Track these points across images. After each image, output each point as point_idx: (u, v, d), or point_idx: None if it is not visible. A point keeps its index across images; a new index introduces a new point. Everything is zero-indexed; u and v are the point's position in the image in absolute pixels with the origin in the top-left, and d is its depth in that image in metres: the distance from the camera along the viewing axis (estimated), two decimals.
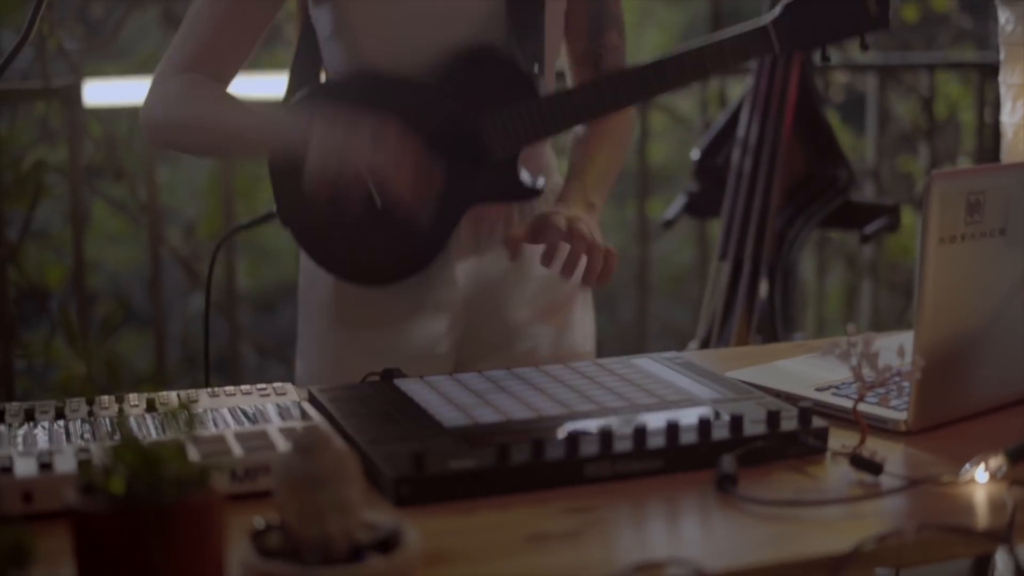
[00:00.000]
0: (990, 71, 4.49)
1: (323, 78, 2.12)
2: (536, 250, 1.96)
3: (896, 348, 1.54)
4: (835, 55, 4.77)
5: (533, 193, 2.06)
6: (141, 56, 4.46)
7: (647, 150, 4.29)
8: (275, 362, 4.66)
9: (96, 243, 4.63)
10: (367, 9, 1.99)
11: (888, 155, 4.95)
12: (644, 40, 10.64)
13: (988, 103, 4.58)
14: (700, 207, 3.14)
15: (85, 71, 3.62)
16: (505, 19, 2.00)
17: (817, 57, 2.00)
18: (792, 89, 2.98)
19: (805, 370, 1.90)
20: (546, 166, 2.17)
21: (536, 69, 2.00)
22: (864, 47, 1.97)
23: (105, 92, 3.59)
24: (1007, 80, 2.21)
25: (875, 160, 4.78)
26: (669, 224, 3.17)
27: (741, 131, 3.01)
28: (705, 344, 2.85)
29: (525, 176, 2.05)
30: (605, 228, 2.06)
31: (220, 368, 3.98)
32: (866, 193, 4.69)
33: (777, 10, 1.95)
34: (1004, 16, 2.18)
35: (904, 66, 4.82)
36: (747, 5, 6.52)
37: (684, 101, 4.81)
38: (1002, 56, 2.21)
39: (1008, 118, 2.22)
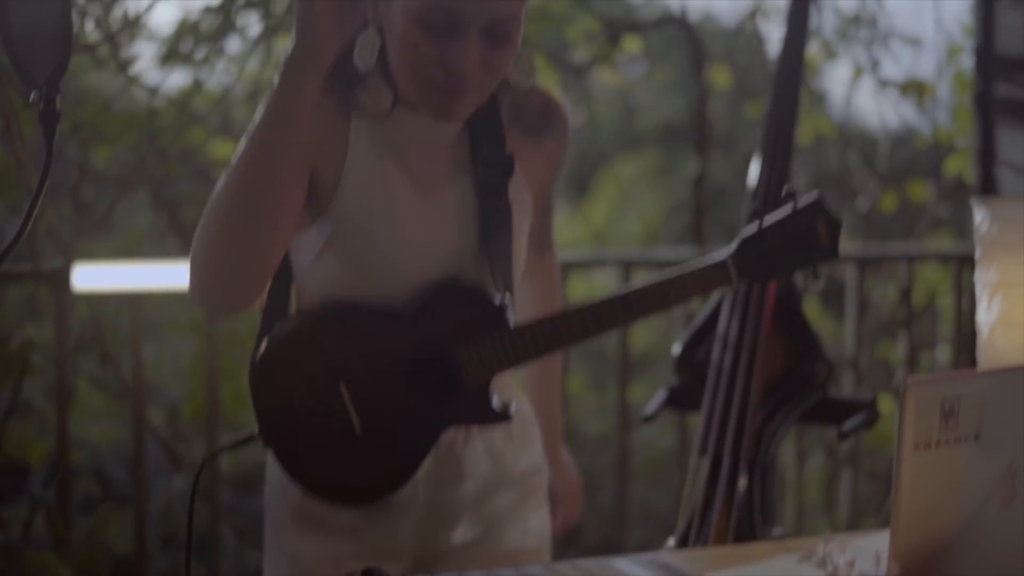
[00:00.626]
0: (968, 261, 4.57)
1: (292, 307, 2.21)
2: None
3: (873, 553, 1.56)
4: None
5: (505, 418, 2.17)
6: (131, 237, 4.52)
7: (629, 337, 4.33)
8: (253, 548, 4.63)
9: (78, 420, 4.62)
10: (354, 236, 2.08)
11: (867, 342, 5.00)
12: (624, 230, 10.80)
13: (967, 290, 4.65)
14: (681, 401, 3.17)
15: (75, 252, 3.66)
16: (477, 252, 2.13)
17: (801, 281, 2.11)
18: (771, 286, 3.03)
19: None
20: (510, 387, 2.30)
21: (507, 299, 2.12)
22: (816, 276, 2.11)
23: (95, 276, 3.63)
24: (983, 278, 2.25)
25: (854, 349, 4.83)
26: (650, 418, 3.20)
27: (722, 327, 3.05)
28: (684, 540, 2.86)
29: (496, 402, 2.16)
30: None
31: (199, 550, 3.95)
32: (845, 382, 4.73)
33: (734, 245, 2.09)
34: (980, 215, 2.23)
35: (884, 257, 4.91)
36: (730, 190, 6.65)
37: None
38: (978, 254, 2.25)
39: (984, 316, 2.26)
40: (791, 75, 3.30)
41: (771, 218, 2.10)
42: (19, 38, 1.70)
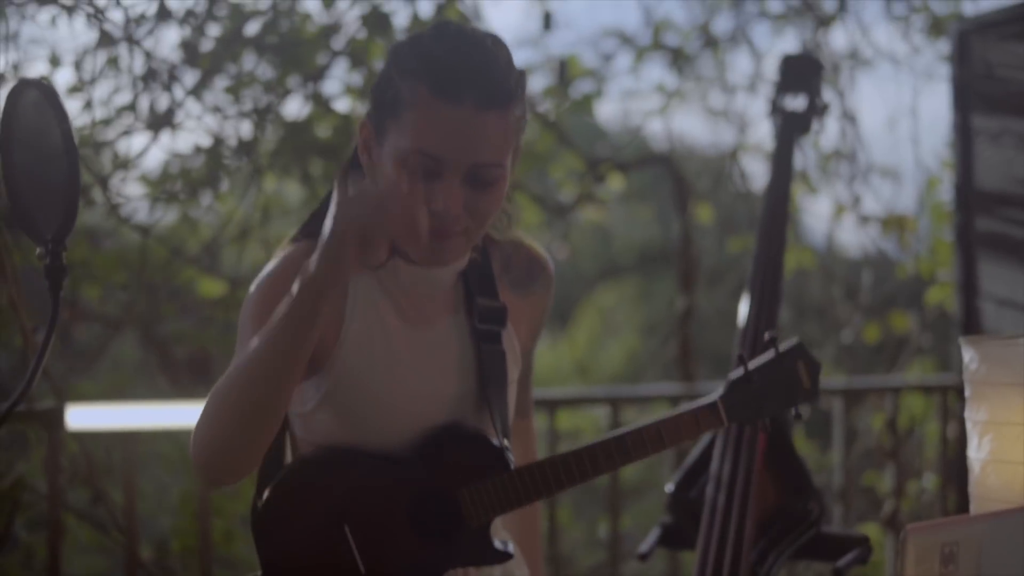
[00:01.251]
0: (952, 390, 4.61)
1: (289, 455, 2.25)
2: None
3: None
4: None
5: (506, 556, 2.21)
6: (122, 375, 4.53)
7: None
8: None
9: (68, 555, 4.60)
10: (354, 389, 2.14)
11: (854, 472, 5.02)
12: (606, 356, 10.84)
13: (952, 419, 4.68)
14: (675, 540, 3.17)
15: (62, 392, 3.67)
16: (476, 397, 2.20)
17: (792, 415, 2.17)
18: (763, 428, 3.05)
19: None
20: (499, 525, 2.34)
21: (506, 442, 2.18)
22: (798, 417, 2.20)
23: (87, 417, 3.65)
24: (973, 417, 2.28)
25: (842, 479, 4.84)
26: (644, 557, 3.20)
27: (714, 466, 3.06)
28: None
29: (498, 542, 2.21)
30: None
31: None
32: (833, 511, 4.74)
33: (723, 388, 2.18)
34: (968, 355, 2.27)
35: (868, 389, 4.95)
36: (714, 321, 6.69)
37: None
38: (968, 393, 2.28)
39: (975, 453, 2.28)
40: (777, 217, 3.36)
41: (755, 362, 2.20)
42: (27, 197, 1.74)
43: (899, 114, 5.38)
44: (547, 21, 4.48)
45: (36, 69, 4.15)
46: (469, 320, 2.21)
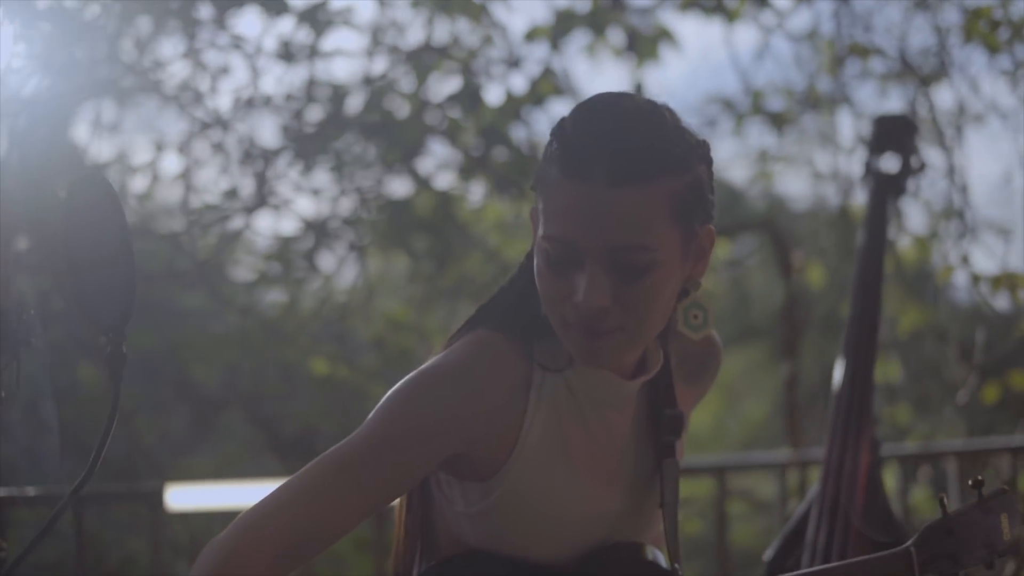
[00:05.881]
0: None
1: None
2: None
3: None
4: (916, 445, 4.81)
5: None
6: (228, 454, 4.59)
7: (728, 534, 4.28)
8: None
9: None
10: (526, 501, 1.92)
11: None
12: (741, 409, 10.72)
13: None
14: None
15: (173, 469, 3.74)
16: (650, 517, 2.01)
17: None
18: (860, 491, 3.00)
19: None
20: None
21: (677, 567, 1.99)
22: (990, 566, 1.98)
23: (188, 497, 3.69)
24: None
25: None
26: None
27: (810, 534, 3.02)
28: None
29: None
30: None
31: None
32: None
33: (918, 535, 1.97)
34: None
35: (986, 451, 4.83)
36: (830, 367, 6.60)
37: (766, 488, 4.83)
38: None
39: None
40: (870, 281, 3.31)
41: (958, 511, 1.96)
42: (88, 287, 1.78)
43: (1013, 169, 5.28)
44: (638, 91, 4.48)
45: (140, 156, 4.27)
46: (653, 433, 1.99)
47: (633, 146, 1.76)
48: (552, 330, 1.86)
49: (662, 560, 1.99)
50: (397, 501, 1.99)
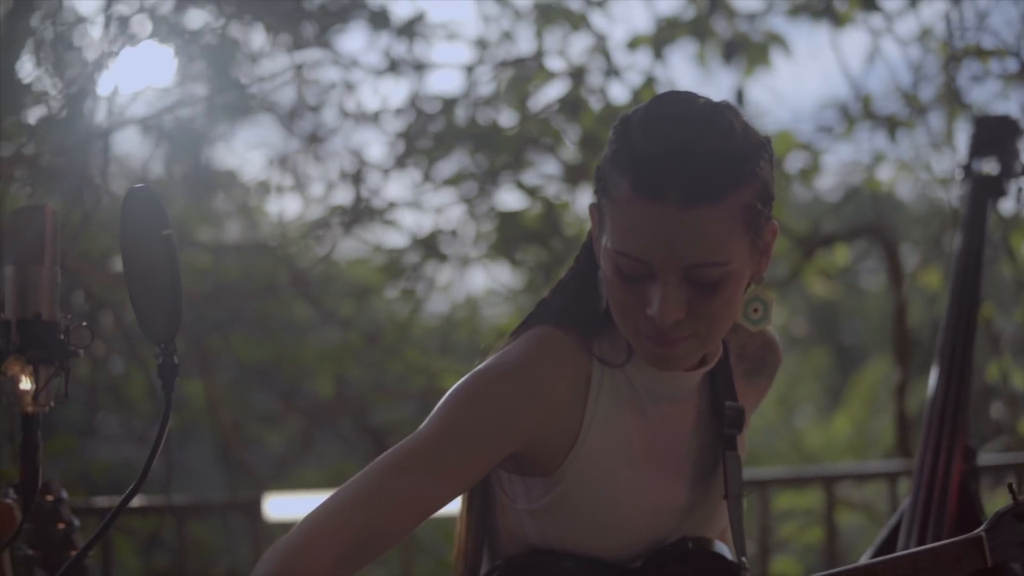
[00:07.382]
0: None
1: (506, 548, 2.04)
2: None
3: None
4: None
5: None
6: (334, 466, 4.63)
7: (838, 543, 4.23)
8: None
9: None
10: (588, 497, 1.91)
11: None
12: (877, 431, 10.55)
13: None
14: None
15: (274, 481, 3.79)
16: (714, 512, 2.00)
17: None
18: (952, 501, 2.94)
19: None
20: None
21: (744, 560, 1.98)
22: None
23: (287, 506, 3.73)
24: None
25: None
26: None
27: (900, 544, 2.96)
28: None
29: None
30: None
31: None
32: None
33: (988, 521, 1.94)
34: None
35: None
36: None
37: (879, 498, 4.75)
38: None
39: None
40: (968, 286, 3.22)
41: None
42: (141, 300, 1.82)
43: None
44: (740, 98, 4.44)
45: (251, 172, 4.35)
46: (715, 425, 1.98)
47: (704, 163, 1.75)
48: (610, 324, 1.87)
49: (728, 554, 1.97)
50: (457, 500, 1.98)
